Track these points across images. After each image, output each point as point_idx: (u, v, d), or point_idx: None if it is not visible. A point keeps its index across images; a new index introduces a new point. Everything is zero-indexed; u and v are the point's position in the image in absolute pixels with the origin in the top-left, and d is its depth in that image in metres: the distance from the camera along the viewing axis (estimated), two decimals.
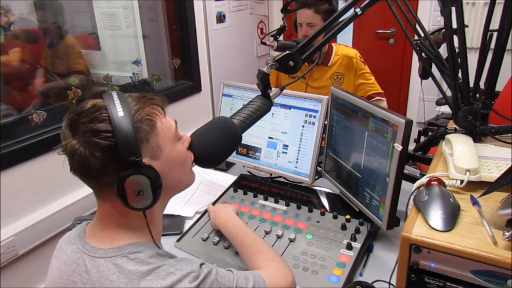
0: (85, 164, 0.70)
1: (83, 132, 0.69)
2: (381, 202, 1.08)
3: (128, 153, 0.68)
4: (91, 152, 0.69)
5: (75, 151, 0.70)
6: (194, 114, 2.66)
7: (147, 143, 0.74)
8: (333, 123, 1.30)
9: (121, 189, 0.70)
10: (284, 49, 1.04)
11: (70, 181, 1.80)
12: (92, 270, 0.73)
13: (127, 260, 0.73)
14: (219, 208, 1.20)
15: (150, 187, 0.71)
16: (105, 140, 0.68)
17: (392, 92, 2.22)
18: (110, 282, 0.71)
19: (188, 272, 0.71)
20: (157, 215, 0.84)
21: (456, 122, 1.09)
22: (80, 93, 1.96)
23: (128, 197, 0.71)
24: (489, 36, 1.08)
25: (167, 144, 0.78)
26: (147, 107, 0.75)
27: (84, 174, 0.73)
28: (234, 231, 1.08)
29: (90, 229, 0.81)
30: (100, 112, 0.71)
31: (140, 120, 0.73)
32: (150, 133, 0.74)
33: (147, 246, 0.76)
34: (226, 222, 1.12)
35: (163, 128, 0.77)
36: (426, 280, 0.75)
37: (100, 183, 0.74)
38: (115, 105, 0.71)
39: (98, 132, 0.69)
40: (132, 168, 0.69)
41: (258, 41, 3.40)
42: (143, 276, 0.70)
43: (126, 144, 0.68)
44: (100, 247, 0.76)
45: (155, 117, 0.76)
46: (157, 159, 0.76)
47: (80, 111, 0.72)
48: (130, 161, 0.69)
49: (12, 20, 1.84)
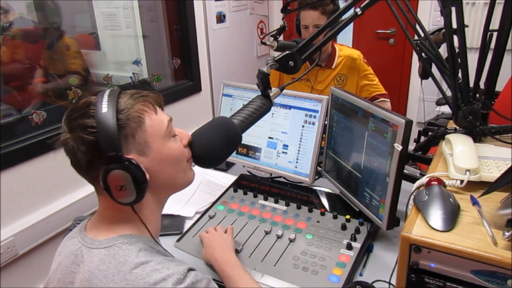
0: (76, 158, 0.74)
1: (74, 127, 0.73)
2: (381, 202, 1.08)
3: (108, 148, 0.70)
4: (78, 147, 0.72)
5: (66, 145, 0.74)
6: (194, 114, 2.66)
7: (133, 139, 0.75)
8: (333, 123, 1.30)
9: (105, 184, 0.72)
10: (284, 49, 1.04)
11: (70, 181, 1.82)
12: (86, 260, 0.75)
13: (118, 250, 0.74)
14: (216, 242, 1.08)
15: (132, 182, 0.72)
16: (89, 135, 0.71)
17: (392, 92, 2.22)
18: (99, 272, 0.72)
19: (173, 272, 0.71)
20: (152, 212, 0.83)
21: (456, 122, 1.09)
22: (80, 93, 1.96)
23: (112, 192, 0.72)
24: (489, 36, 1.08)
25: (156, 141, 0.79)
26: (138, 103, 0.77)
27: (77, 168, 0.76)
28: (231, 275, 0.97)
29: (91, 222, 0.84)
30: (89, 108, 0.74)
31: (127, 117, 0.74)
32: (136, 130, 0.75)
33: (140, 239, 0.78)
34: (224, 264, 1.00)
35: (152, 125, 0.78)
36: (426, 280, 0.75)
37: (91, 177, 0.77)
38: (102, 102, 0.73)
39: (84, 128, 0.72)
40: (113, 163, 0.71)
41: (258, 41, 3.40)
42: (130, 269, 0.71)
43: (107, 139, 0.70)
44: (96, 238, 0.78)
45: (144, 114, 0.77)
46: (145, 155, 0.77)
47: (74, 107, 0.76)
48: (111, 156, 0.70)
49: (11, 20, 1.84)
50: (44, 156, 1.73)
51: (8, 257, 1.60)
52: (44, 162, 1.74)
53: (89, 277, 0.73)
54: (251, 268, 1.05)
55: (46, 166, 1.74)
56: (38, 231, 1.70)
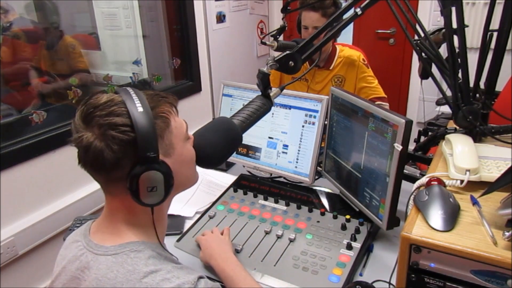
0: (99, 157, 0.70)
1: (99, 125, 0.69)
2: (381, 202, 1.08)
3: (146, 148, 0.69)
4: (108, 145, 0.69)
5: (89, 143, 0.69)
6: (194, 114, 2.66)
7: (161, 140, 0.75)
8: (333, 123, 1.30)
9: (134, 184, 0.70)
10: (284, 49, 1.04)
11: (70, 181, 1.81)
12: (93, 267, 0.74)
13: (127, 258, 0.73)
14: (214, 243, 1.08)
15: (163, 183, 0.72)
16: (123, 134, 0.69)
17: (392, 92, 2.22)
18: (107, 280, 0.71)
19: (184, 281, 0.71)
20: (164, 212, 0.84)
21: (456, 122, 1.09)
22: (80, 93, 1.96)
23: (141, 193, 0.71)
24: (489, 36, 1.08)
25: (179, 143, 0.79)
26: (162, 104, 0.76)
27: (97, 167, 0.73)
28: (231, 275, 0.96)
29: (96, 225, 0.82)
30: (118, 106, 0.71)
31: (156, 117, 0.74)
32: (165, 130, 0.75)
33: (148, 245, 0.77)
34: (224, 264, 1.00)
35: (176, 126, 0.79)
36: (426, 280, 0.75)
37: (111, 177, 0.74)
38: (133, 101, 0.71)
39: (116, 126, 0.69)
40: (148, 164, 0.70)
41: (258, 41, 3.40)
42: (140, 278, 0.70)
43: (145, 140, 0.69)
44: (103, 244, 0.76)
45: (170, 115, 0.77)
46: (169, 156, 0.77)
47: (96, 104, 0.72)
48: (147, 156, 0.69)
49: (11, 20, 1.84)
50: (44, 156, 1.73)
51: (8, 257, 1.60)
52: (44, 162, 1.74)
53: (96, 285, 0.72)
54: (251, 268, 1.05)
55: (46, 166, 1.74)
56: (38, 231, 1.70)
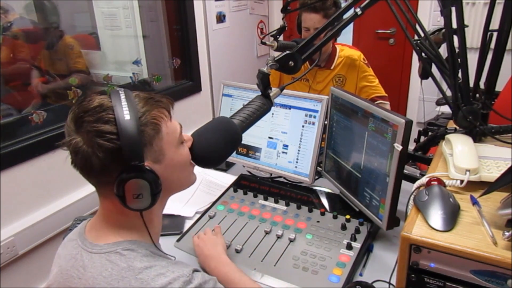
0: (88, 162, 0.70)
1: (87, 131, 0.70)
2: (381, 202, 1.08)
3: (131, 157, 0.68)
4: (94, 152, 0.69)
5: (78, 148, 0.70)
6: (194, 114, 2.66)
7: (150, 146, 0.74)
8: (333, 123, 1.30)
9: (120, 191, 0.70)
10: (284, 49, 1.04)
11: (70, 181, 1.82)
12: (88, 265, 0.74)
13: (120, 256, 0.73)
14: (205, 247, 1.07)
15: (149, 190, 0.71)
16: (109, 142, 0.68)
17: (392, 92, 2.22)
18: (102, 278, 0.71)
19: (179, 275, 0.71)
20: (156, 214, 0.84)
21: (456, 122, 1.09)
22: (80, 93, 1.96)
23: (127, 199, 0.71)
24: (489, 36, 1.08)
25: (170, 149, 0.78)
26: (154, 110, 0.75)
27: (86, 171, 0.73)
28: (225, 278, 0.95)
29: (91, 225, 0.82)
30: (106, 113, 0.70)
31: (146, 124, 0.73)
32: (154, 137, 0.74)
33: (141, 244, 0.77)
34: (216, 269, 0.99)
35: (168, 132, 0.77)
36: (426, 280, 0.75)
37: (101, 181, 0.75)
38: (122, 107, 0.70)
39: (102, 133, 0.69)
40: (134, 172, 0.69)
41: (258, 41, 3.40)
42: (134, 274, 0.70)
43: (130, 148, 0.68)
44: (97, 243, 0.77)
45: (161, 121, 0.76)
46: (159, 163, 0.76)
47: (86, 108, 0.71)
48: (133, 165, 0.69)
49: (11, 20, 1.84)
50: (44, 156, 1.73)
51: (8, 257, 1.60)
52: (44, 162, 1.74)
53: (92, 283, 0.72)
54: (251, 268, 1.05)
55: (46, 166, 1.74)
56: (38, 231, 1.70)
